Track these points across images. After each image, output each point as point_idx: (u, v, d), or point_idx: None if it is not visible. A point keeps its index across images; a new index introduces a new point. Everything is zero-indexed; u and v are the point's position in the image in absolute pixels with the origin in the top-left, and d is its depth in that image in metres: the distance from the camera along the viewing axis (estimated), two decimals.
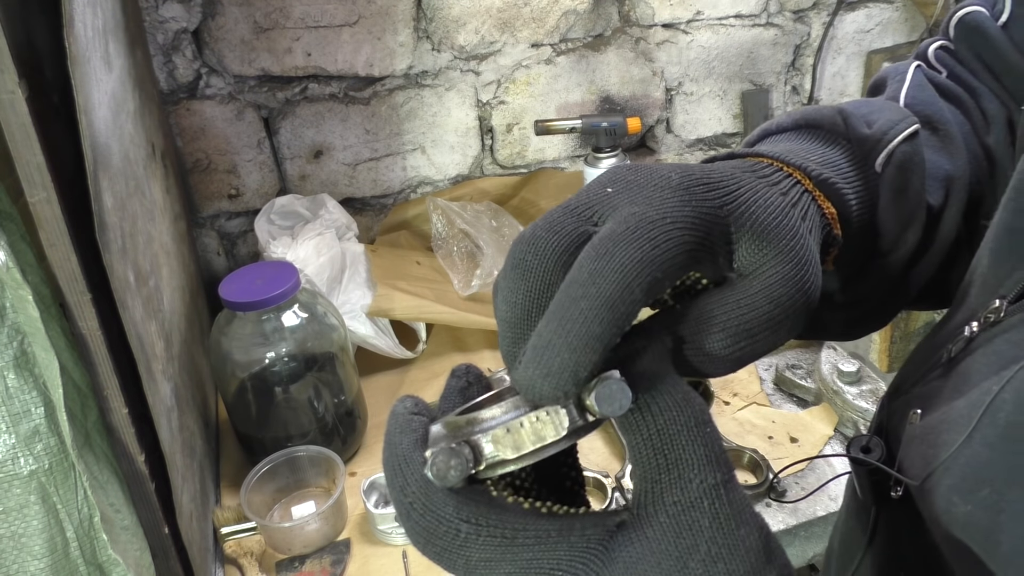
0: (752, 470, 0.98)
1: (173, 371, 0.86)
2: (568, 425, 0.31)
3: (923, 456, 0.38)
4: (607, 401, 0.30)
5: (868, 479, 0.44)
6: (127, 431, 0.70)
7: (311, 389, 1.01)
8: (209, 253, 1.39)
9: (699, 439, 0.30)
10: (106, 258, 0.66)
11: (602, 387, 0.30)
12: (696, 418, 0.30)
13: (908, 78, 0.50)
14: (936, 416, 0.38)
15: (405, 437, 0.32)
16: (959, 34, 0.51)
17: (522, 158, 1.49)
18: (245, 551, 0.92)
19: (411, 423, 0.33)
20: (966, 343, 0.40)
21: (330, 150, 1.36)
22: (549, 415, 0.31)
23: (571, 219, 0.33)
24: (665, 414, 0.30)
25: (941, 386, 0.40)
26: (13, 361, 0.61)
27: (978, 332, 0.39)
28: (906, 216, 0.42)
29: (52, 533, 0.65)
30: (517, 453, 0.31)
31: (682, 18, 1.45)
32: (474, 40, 1.36)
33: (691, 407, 0.31)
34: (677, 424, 0.30)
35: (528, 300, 0.32)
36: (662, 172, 0.34)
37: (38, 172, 0.58)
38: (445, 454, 0.30)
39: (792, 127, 0.44)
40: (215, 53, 1.24)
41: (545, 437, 0.31)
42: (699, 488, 0.29)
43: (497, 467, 0.31)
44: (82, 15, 0.68)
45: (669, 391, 0.31)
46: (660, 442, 0.30)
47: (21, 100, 0.56)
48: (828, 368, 1.08)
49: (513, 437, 0.31)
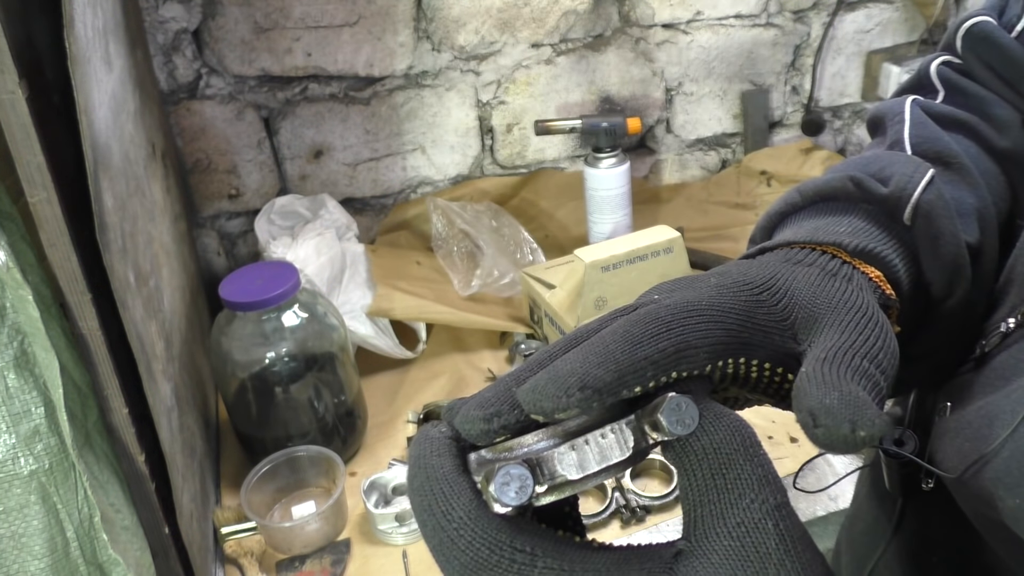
0: None
1: (173, 371, 0.86)
2: (633, 445, 0.30)
3: (959, 450, 0.37)
4: (676, 418, 0.29)
5: (899, 471, 0.44)
6: (127, 431, 0.70)
7: (311, 389, 1.01)
8: (209, 253, 1.39)
9: (756, 459, 0.30)
10: (106, 258, 0.66)
11: (670, 404, 0.29)
12: (751, 439, 0.30)
13: (907, 117, 0.49)
14: (971, 410, 0.38)
15: (445, 460, 0.30)
16: (967, 44, 0.50)
17: (522, 158, 1.49)
18: (245, 551, 0.92)
19: (450, 447, 0.31)
20: (1001, 339, 0.39)
21: (330, 150, 1.37)
22: (615, 433, 0.30)
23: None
24: (720, 434, 0.30)
25: (972, 380, 0.40)
26: (13, 361, 0.61)
27: (1014, 328, 0.39)
28: (949, 260, 0.41)
29: (52, 533, 0.65)
30: (582, 473, 0.29)
31: (682, 18, 1.45)
32: (474, 40, 1.36)
33: (744, 429, 0.30)
34: (733, 444, 0.30)
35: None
36: (701, 277, 0.36)
37: (38, 172, 0.58)
38: (505, 473, 0.28)
39: (807, 204, 0.44)
40: (215, 53, 1.24)
41: (610, 456, 0.30)
42: (761, 509, 0.29)
43: (557, 490, 0.29)
44: (82, 15, 0.68)
45: (722, 414, 0.30)
46: (718, 463, 0.29)
47: (21, 100, 0.56)
48: None
49: (578, 455, 0.29)
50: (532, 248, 1.32)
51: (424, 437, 0.31)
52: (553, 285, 1.16)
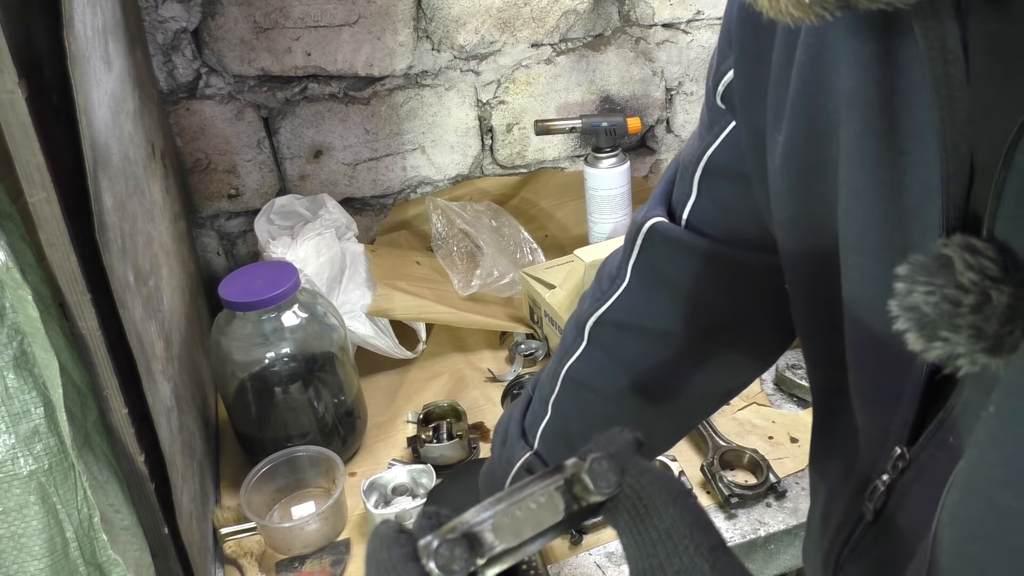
0: (752, 470, 0.98)
1: (173, 371, 0.86)
2: (564, 508, 0.31)
3: None
4: (600, 478, 0.31)
5: None
6: (127, 431, 0.70)
7: (311, 389, 1.01)
8: (209, 253, 1.39)
9: (686, 507, 0.31)
10: (106, 258, 0.66)
11: (593, 467, 0.31)
12: (678, 488, 0.32)
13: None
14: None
15: (394, 551, 0.32)
16: (645, 245, 0.58)
17: (522, 158, 1.49)
18: (245, 551, 0.92)
19: (398, 539, 0.33)
20: (885, 497, 0.41)
21: (330, 150, 1.36)
22: (545, 499, 0.31)
23: None
24: (649, 489, 0.31)
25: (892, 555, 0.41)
26: (13, 361, 0.61)
27: (891, 483, 0.40)
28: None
29: (52, 533, 0.65)
30: (519, 539, 0.31)
31: (682, 18, 1.45)
32: (474, 40, 1.36)
33: (672, 481, 0.32)
34: (661, 496, 0.31)
35: None
36: None
37: (38, 172, 0.58)
38: (447, 546, 0.30)
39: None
40: (215, 53, 1.24)
41: (544, 522, 0.31)
42: (696, 553, 0.30)
43: (498, 560, 0.31)
44: (82, 15, 0.68)
45: (646, 469, 0.32)
46: (649, 516, 0.31)
47: (21, 100, 0.55)
48: None
49: (513, 525, 0.31)
50: (532, 248, 1.32)
51: (374, 535, 0.33)
52: (553, 285, 1.16)
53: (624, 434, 0.34)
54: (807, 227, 0.44)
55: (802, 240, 0.45)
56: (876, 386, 0.40)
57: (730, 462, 0.99)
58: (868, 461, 0.42)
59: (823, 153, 0.39)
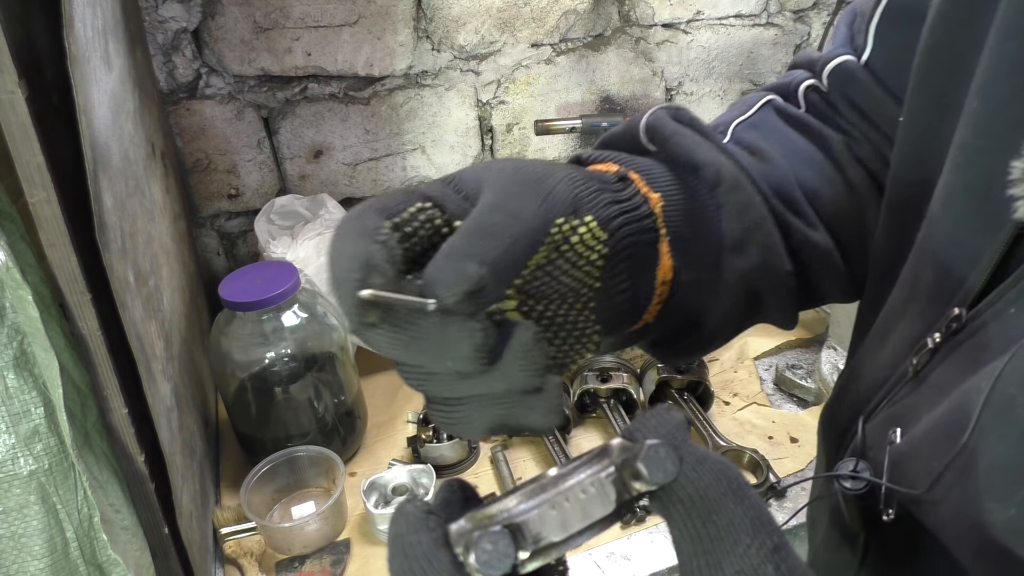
0: (752, 470, 0.98)
1: (173, 371, 0.86)
2: (616, 498, 0.29)
3: (920, 470, 0.37)
4: (656, 466, 0.28)
5: (857, 506, 0.43)
6: (127, 431, 0.70)
7: (311, 389, 1.01)
8: (209, 253, 1.39)
9: (747, 502, 0.29)
10: (106, 258, 0.66)
11: (648, 452, 0.28)
12: (737, 480, 0.29)
13: (751, 111, 0.55)
14: (920, 430, 0.38)
15: (423, 536, 0.29)
16: (834, 83, 0.54)
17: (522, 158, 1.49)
18: (245, 551, 0.92)
19: (427, 522, 0.30)
20: (930, 355, 0.40)
21: (330, 150, 1.36)
22: (596, 487, 0.28)
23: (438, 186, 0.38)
24: (705, 479, 0.29)
25: (915, 403, 0.40)
26: (13, 361, 0.61)
27: (941, 343, 0.39)
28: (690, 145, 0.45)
29: (52, 533, 0.65)
30: (565, 533, 0.28)
31: (682, 18, 1.45)
32: (474, 40, 1.36)
33: (730, 471, 0.29)
34: (720, 488, 0.29)
35: None
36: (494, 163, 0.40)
37: (38, 172, 0.58)
38: (490, 539, 0.27)
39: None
40: (215, 53, 1.24)
41: (593, 513, 0.28)
42: (759, 553, 0.28)
43: (542, 554, 0.28)
44: (82, 15, 0.68)
45: (705, 457, 0.30)
46: (706, 509, 0.28)
47: (21, 100, 0.55)
48: (828, 368, 1.08)
49: (559, 515, 0.28)
50: None
51: (400, 514, 0.31)
52: None
53: (672, 414, 0.31)
54: (947, 53, 0.42)
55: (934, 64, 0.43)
56: (956, 244, 0.39)
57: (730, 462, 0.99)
58: (924, 322, 0.41)
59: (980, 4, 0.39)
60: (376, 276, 0.32)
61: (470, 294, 0.32)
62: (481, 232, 0.34)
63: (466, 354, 0.34)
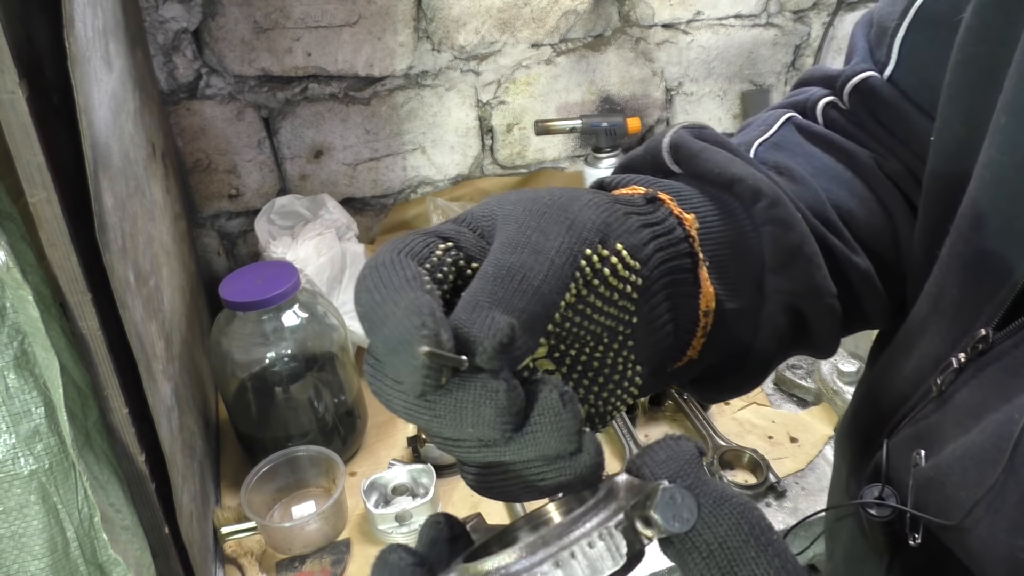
0: (752, 470, 0.98)
1: (173, 371, 0.86)
2: (626, 550, 0.26)
3: (951, 497, 0.36)
4: (672, 513, 0.25)
5: (882, 531, 0.42)
6: (127, 431, 0.70)
7: (311, 389, 1.01)
8: (209, 253, 1.39)
9: (770, 549, 0.26)
10: (106, 258, 0.66)
11: (663, 498, 0.25)
12: (760, 525, 0.27)
13: (773, 130, 0.51)
14: (948, 455, 0.37)
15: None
16: (856, 100, 0.51)
17: (522, 158, 1.49)
18: (245, 551, 0.92)
19: (413, 574, 0.28)
20: (955, 375, 0.39)
21: (330, 150, 1.37)
22: (604, 540, 0.26)
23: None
24: (724, 525, 0.26)
25: (940, 422, 0.39)
26: (13, 361, 0.61)
27: (966, 363, 0.38)
28: (721, 160, 0.42)
29: (52, 533, 0.65)
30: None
31: (682, 18, 1.45)
32: (474, 40, 1.36)
33: (751, 514, 0.27)
34: (740, 535, 0.26)
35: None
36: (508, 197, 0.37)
37: (38, 172, 0.58)
38: None
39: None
40: (215, 53, 1.24)
41: (602, 568, 0.25)
42: None
43: None
44: (82, 15, 0.68)
45: (724, 499, 0.27)
46: (726, 560, 0.26)
47: (21, 100, 0.56)
48: (828, 368, 1.08)
49: (564, 573, 0.25)
50: None
51: (383, 564, 0.28)
52: None
53: (683, 444, 0.29)
54: (975, 69, 0.41)
55: (964, 80, 0.42)
56: (984, 261, 0.38)
57: (730, 462, 0.99)
58: (949, 339, 0.40)
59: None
60: (443, 331, 0.27)
61: (502, 348, 0.28)
62: (504, 276, 0.30)
63: (488, 420, 0.28)
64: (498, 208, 0.35)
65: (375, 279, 0.29)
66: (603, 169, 1.29)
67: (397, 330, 0.27)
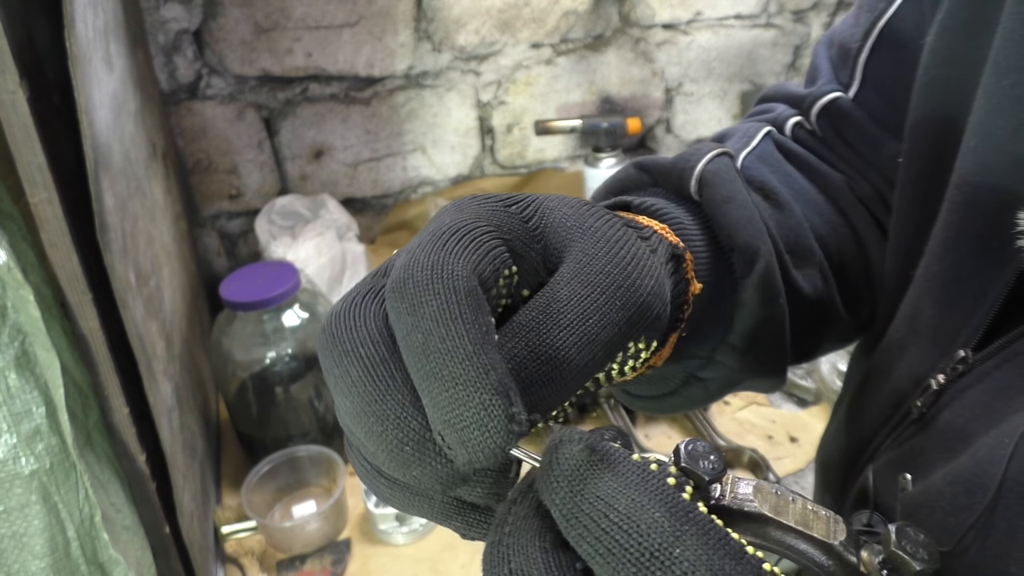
0: (752, 470, 0.98)
1: (174, 371, 0.86)
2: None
3: (938, 523, 0.36)
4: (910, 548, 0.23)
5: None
6: (128, 431, 0.70)
7: (312, 389, 1.01)
8: (210, 253, 1.39)
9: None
10: (107, 258, 0.66)
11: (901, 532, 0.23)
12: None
13: (754, 142, 0.51)
14: (938, 480, 0.37)
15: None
16: (824, 121, 0.51)
17: (522, 158, 1.49)
18: (246, 550, 0.92)
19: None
20: (936, 396, 0.39)
21: (330, 150, 1.37)
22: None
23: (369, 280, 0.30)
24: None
25: (923, 445, 0.40)
26: (14, 361, 0.61)
27: (946, 384, 0.38)
28: (744, 222, 0.42)
29: (53, 532, 0.65)
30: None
31: (682, 18, 1.45)
32: (474, 41, 1.36)
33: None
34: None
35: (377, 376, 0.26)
36: (459, 203, 0.32)
37: (39, 172, 0.58)
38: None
39: (604, 197, 0.45)
40: (216, 54, 1.24)
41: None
42: None
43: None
44: (83, 16, 0.68)
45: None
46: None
47: (22, 100, 0.56)
48: (828, 368, 1.08)
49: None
50: None
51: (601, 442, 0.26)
52: None
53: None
54: (941, 91, 0.41)
55: (930, 103, 0.42)
56: (959, 282, 0.39)
57: (730, 461, 0.99)
58: (927, 361, 0.40)
59: (987, 16, 0.38)
60: (526, 422, 0.24)
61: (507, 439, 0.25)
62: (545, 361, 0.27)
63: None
64: (575, 230, 0.31)
65: (433, 314, 0.25)
66: (603, 169, 1.29)
67: (474, 420, 0.24)
